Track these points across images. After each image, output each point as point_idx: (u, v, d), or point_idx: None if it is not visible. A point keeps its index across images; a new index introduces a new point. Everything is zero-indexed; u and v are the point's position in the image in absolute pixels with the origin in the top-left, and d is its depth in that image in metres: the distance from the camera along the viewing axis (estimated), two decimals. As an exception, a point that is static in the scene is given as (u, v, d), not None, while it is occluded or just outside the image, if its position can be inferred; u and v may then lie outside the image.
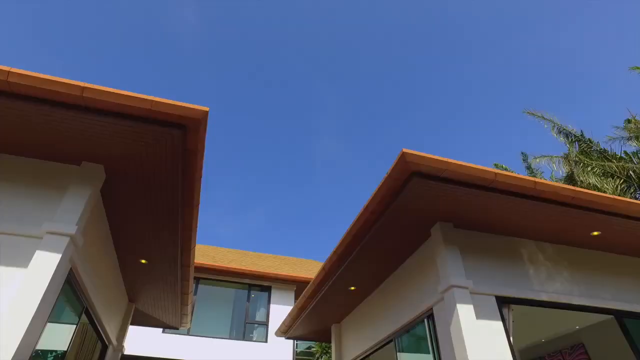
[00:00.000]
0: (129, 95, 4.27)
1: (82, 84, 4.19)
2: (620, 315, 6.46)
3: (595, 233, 6.51)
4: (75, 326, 5.82)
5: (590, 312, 6.45)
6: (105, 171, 5.17)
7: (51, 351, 5.51)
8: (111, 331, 7.79)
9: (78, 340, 6.32)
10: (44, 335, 4.55)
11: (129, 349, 9.36)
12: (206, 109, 4.48)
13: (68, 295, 5.30)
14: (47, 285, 4.16)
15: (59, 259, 4.33)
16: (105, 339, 7.56)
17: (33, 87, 4.12)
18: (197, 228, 6.47)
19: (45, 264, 4.28)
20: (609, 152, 14.75)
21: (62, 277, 4.56)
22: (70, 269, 4.85)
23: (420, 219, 6.09)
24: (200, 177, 5.40)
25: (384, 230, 6.25)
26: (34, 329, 4.09)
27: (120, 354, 8.46)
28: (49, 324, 4.61)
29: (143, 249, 6.84)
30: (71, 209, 4.70)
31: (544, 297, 6.12)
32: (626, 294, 6.65)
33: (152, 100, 4.30)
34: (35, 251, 4.34)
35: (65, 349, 5.69)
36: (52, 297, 4.36)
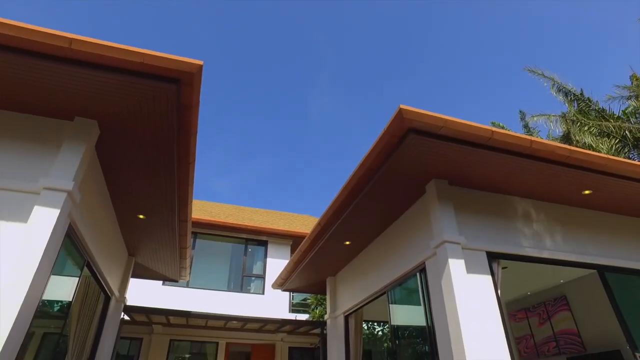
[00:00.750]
0: (120, 48, 4.13)
1: (69, 35, 4.03)
2: (602, 270, 6.73)
3: (587, 192, 6.62)
4: (78, 279, 5.97)
5: (575, 267, 6.71)
6: (99, 127, 5.10)
7: (57, 301, 5.69)
8: (113, 283, 8.02)
9: (82, 292, 6.51)
10: (49, 287, 4.69)
11: (130, 300, 9.66)
12: (200, 62, 4.37)
13: (69, 249, 5.40)
14: (47, 240, 4.23)
15: (57, 214, 4.38)
16: (107, 290, 7.80)
17: (18, 38, 3.96)
18: (194, 184, 6.50)
19: (44, 219, 4.33)
20: (607, 112, 14.69)
21: (62, 232, 4.63)
22: (70, 224, 4.90)
23: (415, 175, 6.14)
24: (196, 132, 5.35)
25: (379, 187, 6.31)
26: (39, 281, 4.20)
27: (122, 305, 8.77)
28: (52, 277, 4.73)
29: (140, 204, 6.90)
30: (66, 165, 4.68)
31: (532, 253, 6.32)
32: (609, 250, 6.89)
33: (144, 54, 4.17)
34: (33, 206, 4.37)
35: (70, 299, 5.88)
36: (53, 251, 4.44)
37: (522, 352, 10.20)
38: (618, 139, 13.64)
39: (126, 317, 10.76)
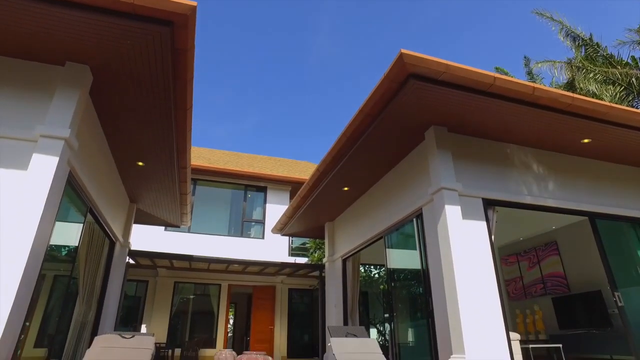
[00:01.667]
0: (108, -13, 3.93)
1: (55, -26, 3.82)
2: (593, 217, 6.91)
3: (586, 140, 6.62)
4: (82, 225, 6.11)
5: (568, 214, 6.88)
6: (92, 72, 4.97)
7: (64, 246, 5.86)
8: (117, 229, 8.21)
9: (87, 237, 6.69)
10: (55, 233, 4.82)
11: (134, 245, 9.94)
12: (194, 3, 4.16)
13: (71, 197, 5.47)
14: (49, 187, 4.29)
15: (57, 162, 4.40)
16: (112, 236, 8.00)
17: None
18: (192, 130, 6.44)
19: (44, 167, 4.35)
20: (615, 58, 14.26)
21: (63, 179, 4.68)
22: (70, 171, 4.93)
23: (415, 122, 6.10)
24: (192, 77, 5.22)
25: (378, 133, 6.29)
26: (45, 226, 4.31)
27: (127, 250, 9.04)
28: (57, 223, 4.84)
29: (139, 151, 6.89)
30: (61, 112, 4.62)
31: (527, 200, 6.45)
32: (601, 198, 7.02)
33: (134, -7, 3.97)
34: (32, 154, 4.38)
35: (76, 244, 6.05)
36: (55, 198, 4.51)
37: (510, 294, 10.71)
38: (623, 87, 13.36)
39: (131, 261, 11.14)
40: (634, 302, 6.58)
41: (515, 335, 6.00)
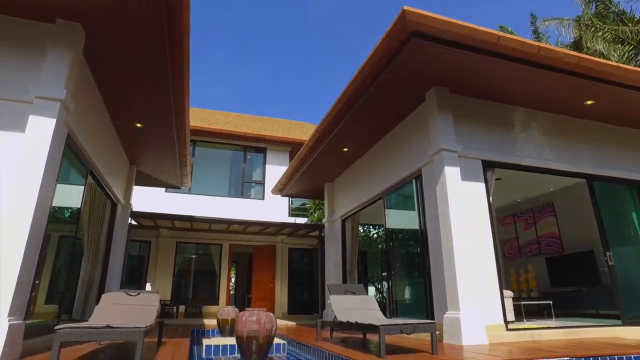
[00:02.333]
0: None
1: None
2: (591, 179, 6.95)
3: (589, 102, 6.54)
4: (83, 187, 6.15)
5: (566, 176, 6.91)
6: (84, 31, 4.82)
7: (67, 208, 5.93)
8: (118, 191, 8.27)
9: (89, 199, 6.75)
10: (58, 195, 4.86)
11: (136, 206, 10.04)
12: (187, -44, 3.98)
13: (70, 159, 5.47)
14: (48, 149, 4.30)
15: (54, 123, 4.39)
16: (113, 198, 8.07)
17: None
18: (190, 90, 6.34)
19: (41, 129, 4.34)
20: (628, 15, 13.76)
21: (61, 141, 4.67)
22: (68, 133, 4.90)
23: (416, 82, 6.00)
24: (188, 35, 5.07)
25: (379, 93, 6.20)
26: (47, 188, 4.36)
27: (129, 211, 9.14)
28: (59, 185, 4.88)
29: (136, 112, 6.81)
30: (55, 73, 4.55)
31: (527, 162, 6.46)
32: (600, 160, 7.04)
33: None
34: (28, 116, 4.35)
35: (79, 206, 6.11)
36: (55, 159, 4.53)
37: (506, 253, 10.96)
38: (633, 46, 12.99)
39: (133, 222, 11.30)
40: (624, 261, 6.76)
41: (508, 293, 6.21)
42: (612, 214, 7.03)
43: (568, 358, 4.06)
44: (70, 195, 5.89)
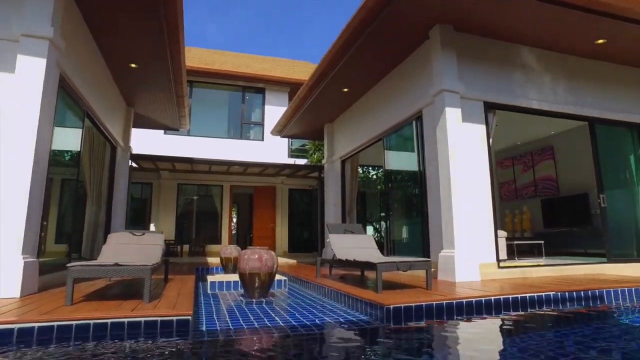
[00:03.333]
0: None
1: None
2: (593, 122, 6.88)
3: (600, 41, 6.28)
4: (81, 130, 6.09)
5: (568, 119, 6.84)
6: (68, -38, 4.53)
7: (67, 151, 5.92)
8: (116, 133, 8.21)
9: (87, 142, 6.72)
10: (56, 139, 4.85)
11: (136, 149, 10.03)
12: None
13: (66, 101, 5.37)
14: (41, 89, 4.23)
15: (45, 64, 4.27)
16: (112, 140, 8.03)
17: None
18: (184, 27, 6.07)
19: (32, 69, 4.23)
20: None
21: (55, 82, 4.57)
22: (60, 75, 4.78)
23: (419, 19, 5.74)
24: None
25: (381, 31, 5.96)
26: (44, 130, 4.34)
27: (129, 154, 9.14)
28: (57, 129, 4.85)
29: (130, 52, 6.58)
30: (39, 9, 4.35)
31: (530, 105, 6.35)
32: (605, 102, 6.91)
33: None
34: (15, 55, 4.22)
35: (78, 149, 6.10)
36: (50, 101, 4.46)
37: (503, 195, 11.14)
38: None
39: (134, 165, 11.35)
40: (616, 203, 6.91)
41: (502, 233, 6.40)
42: (610, 157, 7.06)
43: (555, 292, 4.28)
44: (69, 138, 5.86)
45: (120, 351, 2.72)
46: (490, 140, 6.06)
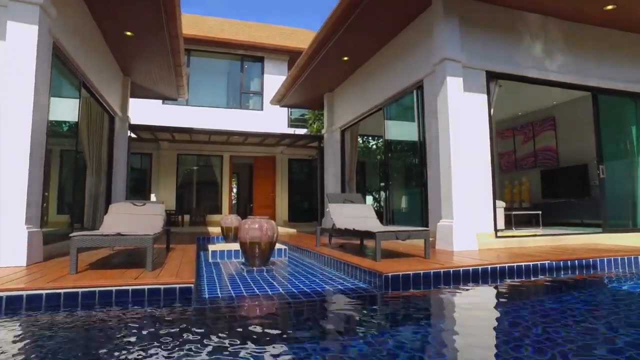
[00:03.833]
0: None
1: None
2: (597, 92, 6.80)
3: (609, 7, 6.11)
4: (77, 100, 6.02)
5: (572, 89, 6.75)
6: None
7: (64, 122, 5.88)
8: (114, 103, 8.12)
9: (85, 112, 6.66)
10: (53, 109, 4.81)
11: (134, 119, 9.93)
12: None
13: (61, 70, 5.29)
14: (35, 57, 4.15)
15: (37, 30, 4.18)
16: (109, 110, 7.96)
17: None
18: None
19: (23, 36, 4.14)
20: None
21: (48, 49, 4.50)
22: (54, 43, 4.68)
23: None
24: None
25: (382, -2, 5.80)
26: (40, 100, 4.30)
27: (127, 124, 9.07)
28: (53, 99, 4.80)
29: (125, 20, 6.41)
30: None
31: (534, 74, 6.26)
32: (609, 72, 6.80)
33: None
34: (6, 21, 4.12)
35: (76, 120, 6.06)
36: (44, 69, 4.39)
37: (502, 166, 11.14)
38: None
39: (133, 135, 11.28)
40: (616, 174, 6.93)
41: (500, 203, 6.45)
42: (612, 128, 7.02)
43: (550, 261, 4.36)
44: (66, 109, 5.81)
45: (125, 317, 2.80)
46: (492, 110, 6.01)
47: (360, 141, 13.02)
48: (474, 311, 3.24)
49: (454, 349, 2.32)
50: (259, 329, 2.62)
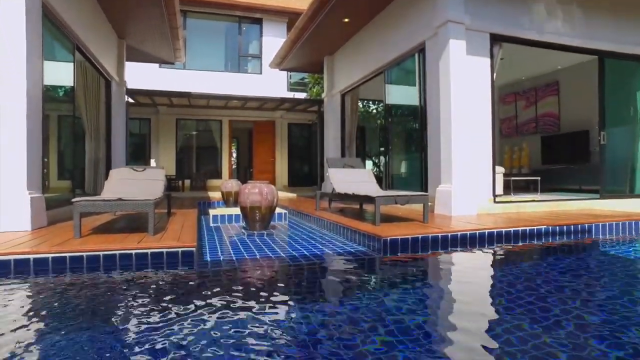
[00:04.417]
0: None
1: None
2: (604, 56, 6.65)
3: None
4: (72, 63, 5.90)
5: (578, 52, 6.59)
6: None
7: (60, 86, 5.79)
8: (109, 67, 7.95)
9: (81, 76, 6.54)
10: (48, 73, 4.73)
11: (131, 84, 9.76)
12: None
13: (53, 33, 5.15)
14: (24, 18, 4.05)
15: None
16: (106, 75, 7.80)
17: None
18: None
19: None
20: None
21: (38, 10, 4.37)
22: (43, 2, 4.54)
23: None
24: None
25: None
26: (34, 62, 4.23)
27: (124, 88, 8.93)
28: (47, 63, 4.71)
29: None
30: None
31: (539, 38, 6.10)
32: (617, 35, 6.61)
33: None
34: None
35: (71, 84, 5.96)
36: (35, 30, 4.29)
37: (503, 131, 11.06)
38: None
39: (131, 100, 11.14)
40: (616, 141, 6.90)
41: (499, 169, 6.47)
42: (617, 93, 6.92)
43: (547, 226, 4.43)
44: (61, 73, 5.70)
45: (130, 280, 2.88)
46: (495, 74, 5.90)
47: (361, 105, 12.88)
48: (470, 273, 3.33)
49: (449, 307, 2.41)
50: (260, 291, 2.70)
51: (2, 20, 4.00)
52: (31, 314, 2.23)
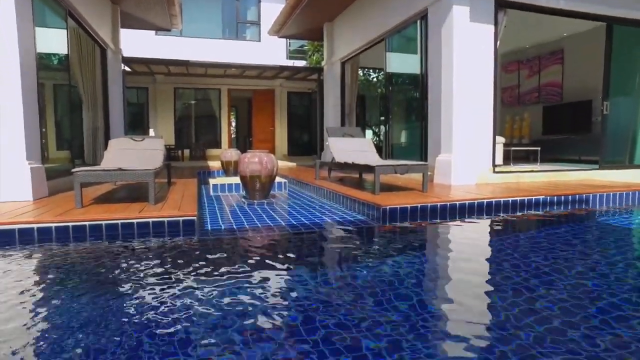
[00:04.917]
0: None
1: None
2: (612, 22, 6.47)
3: None
4: (65, 30, 5.75)
5: (586, 19, 6.38)
6: None
7: (54, 54, 5.67)
8: (104, 34, 7.75)
9: (75, 44, 6.38)
10: (40, 40, 4.63)
11: (126, 52, 9.54)
12: None
13: (44, -2, 5.01)
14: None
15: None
16: (100, 42, 7.62)
17: None
18: None
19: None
20: None
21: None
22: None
23: None
24: None
25: None
26: (25, 30, 4.14)
27: (120, 56, 8.75)
28: (40, 30, 4.60)
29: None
30: None
31: (545, 3, 5.90)
32: (629, 1, 6.40)
33: None
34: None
35: (65, 52, 5.83)
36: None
37: (504, 100, 10.93)
38: None
39: (127, 69, 10.93)
40: (620, 111, 6.82)
41: (500, 139, 6.44)
42: (623, 62, 6.77)
43: (545, 196, 4.46)
44: (54, 41, 5.56)
45: (133, 248, 2.93)
46: (498, 42, 5.78)
47: (361, 74, 12.68)
48: (468, 242, 3.38)
49: (446, 273, 2.47)
50: (260, 258, 2.76)
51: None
52: (46, 277, 2.28)
